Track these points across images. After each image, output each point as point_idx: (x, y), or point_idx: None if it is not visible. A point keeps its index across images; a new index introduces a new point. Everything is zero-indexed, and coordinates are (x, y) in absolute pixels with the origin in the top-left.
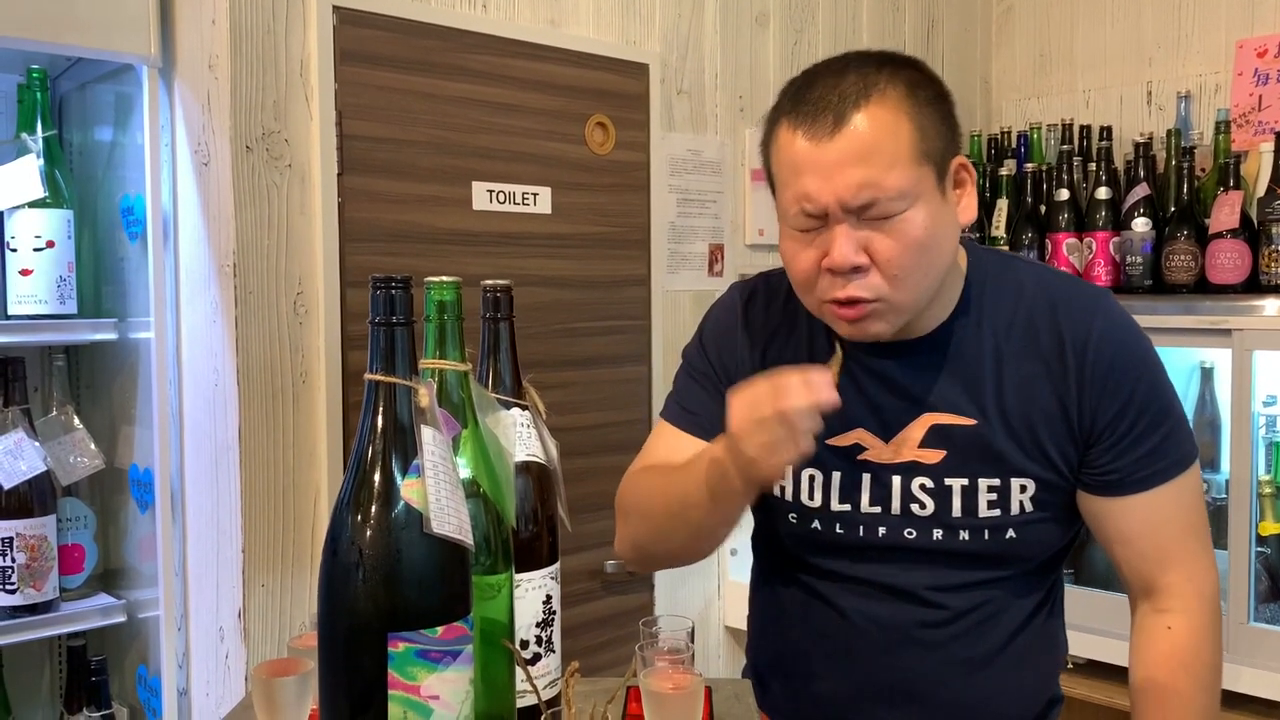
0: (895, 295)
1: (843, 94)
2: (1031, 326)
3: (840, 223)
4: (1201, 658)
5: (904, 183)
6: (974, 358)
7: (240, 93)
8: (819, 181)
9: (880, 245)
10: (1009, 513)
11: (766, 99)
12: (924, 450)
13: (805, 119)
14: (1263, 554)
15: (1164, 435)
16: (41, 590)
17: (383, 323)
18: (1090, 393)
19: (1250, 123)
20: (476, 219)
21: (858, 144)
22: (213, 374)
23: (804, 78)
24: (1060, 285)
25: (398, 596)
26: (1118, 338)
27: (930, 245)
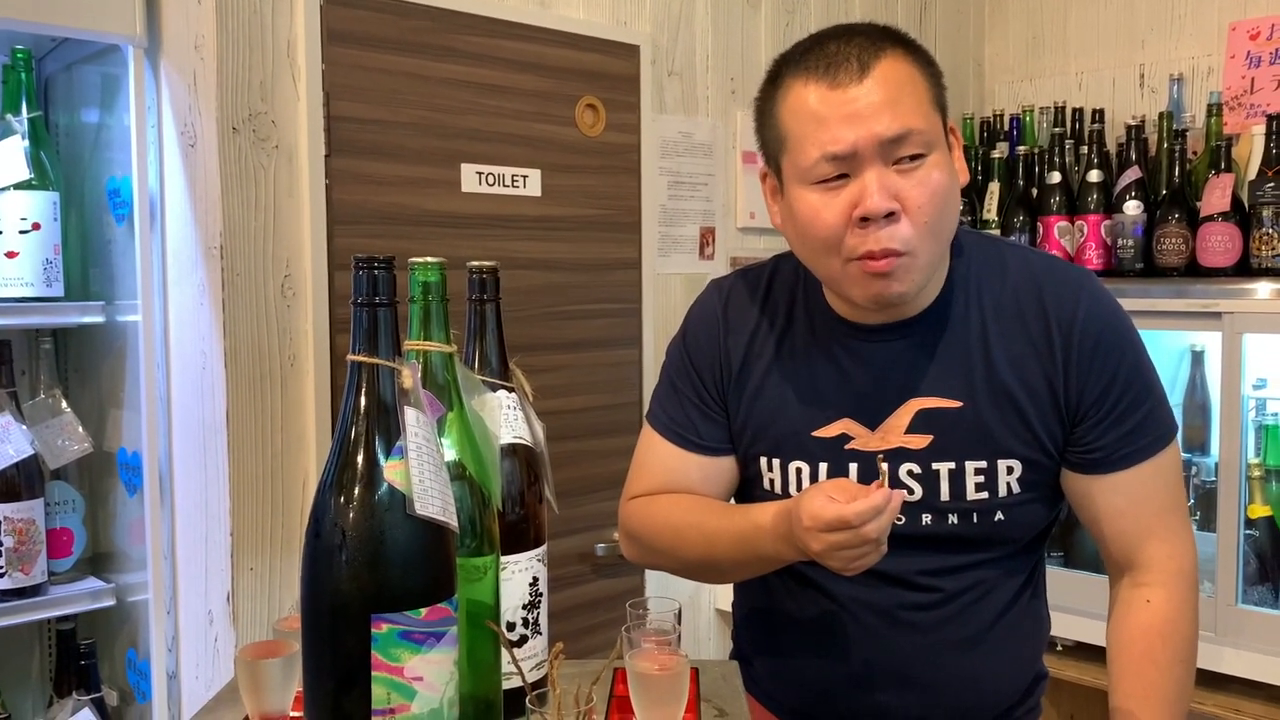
0: (922, 246)
1: (859, 46)
2: (1018, 306)
3: (870, 167)
4: (1180, 630)
5: (929, 126)
6: (961, 339)
7: (226, 73)
8: (848, 125)
9: (910, 192)
10: (996, 495)
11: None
12: (911, 436)
13: (826, 71)
14: (1251, 536)
15: (1146, 413)
16: (30, 574)
17: (365, 303)
18: (1077, 371)
19: (1242, 105)
20: (465, 201)
21: (885, 86)
22: (200, 357)
23: (810, 40)
24: (1045, 265)
25: (381, 578)
26: (1103, 317)
27: (950, 195)
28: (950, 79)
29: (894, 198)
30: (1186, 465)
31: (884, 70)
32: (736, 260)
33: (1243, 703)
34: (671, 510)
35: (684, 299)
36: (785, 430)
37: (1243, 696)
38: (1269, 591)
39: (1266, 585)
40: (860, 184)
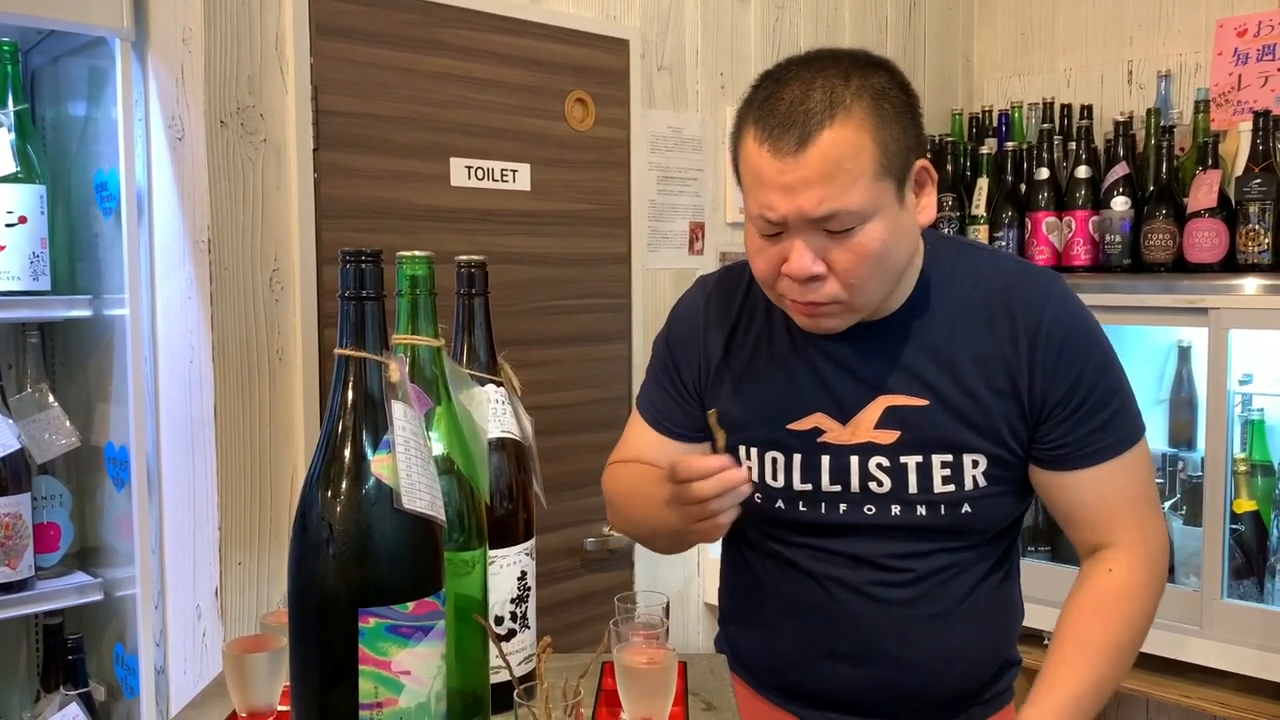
0: (851, 300)
1: (808, 112)
2: (987, 309)
3: (800, 233)
4: (1136, 600)
5: (862, 202)
6: (928, 340)
7: (214, 67)
8: (780, 196)
9: (838, 256)
10: (963, 488)
11: (748, 76)
12: (880, 431)
13: (771, 133)
14: (1236, 531)
15: (1112, 412)
16: (17, 568)
17: (353, 296)
18: (1041, 373)
19: (1229, 102)
20: (454, 195)
21: (820, 164)
22: (188, 351)
23: (772, 83)
24: (1013, 269)
25: (368, 572)
26: (1069, 320)
27: (887, 255)
28: (939, 74)
29: (822, 259)
30: (1173, 460)
31: (824, 145)
32: (726, 255)
33: (1228, 696)
34: (630, 475)
35: (673, 294)
36: (761, 422)
37: (1228, 690)
38: (1254, 586)
39: (1251, 579)
40: (790, 244)
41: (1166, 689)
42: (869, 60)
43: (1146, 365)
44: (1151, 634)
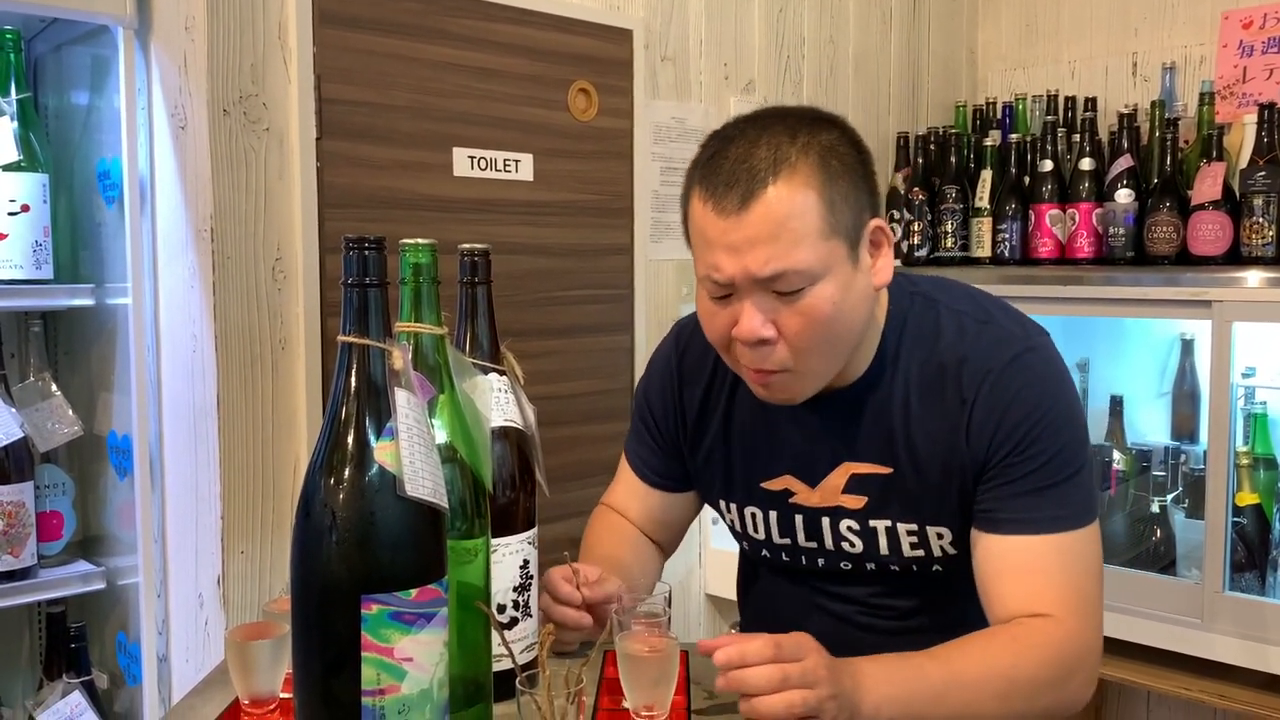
0: (803, 366)
1: (752, 169)
2: (940, 381)
3: (748, 296)
4: (1036, 651)
5: (810, 260)
6: (886, 411)
7: (217, 55)
8: (726, 256)
9: (787, 320)
10: (931, 554)
11: (751, 67)
12: (847, 496)
13: (715, 192)
14: (1238, 524)
15: (1052, 486)
16: (20, 557)
17: (356, 284)
18: (975, 433)
19: (1234, 94)
20: (457, 185)
21: (763, 223)
22: (191, 340)
23: (718, 142)
24: (975, 337)
25: (371, 559)
26: (1017, 385)
27: (838, 318)
28: (943, 66)
29: (771, 322)
30: (1175, 453)
31: (768, 204)
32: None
33: (1228, 689)
34: (599, 535)
35: (676, 285)
36: (738, 479)
37: (1228, 683)
38: (1255, 579)
39: (1253, 572)
40: (740, 307)
41: (1167, 681)
42: (818, 117)
43: (1149, 358)
44: (1153, 626)
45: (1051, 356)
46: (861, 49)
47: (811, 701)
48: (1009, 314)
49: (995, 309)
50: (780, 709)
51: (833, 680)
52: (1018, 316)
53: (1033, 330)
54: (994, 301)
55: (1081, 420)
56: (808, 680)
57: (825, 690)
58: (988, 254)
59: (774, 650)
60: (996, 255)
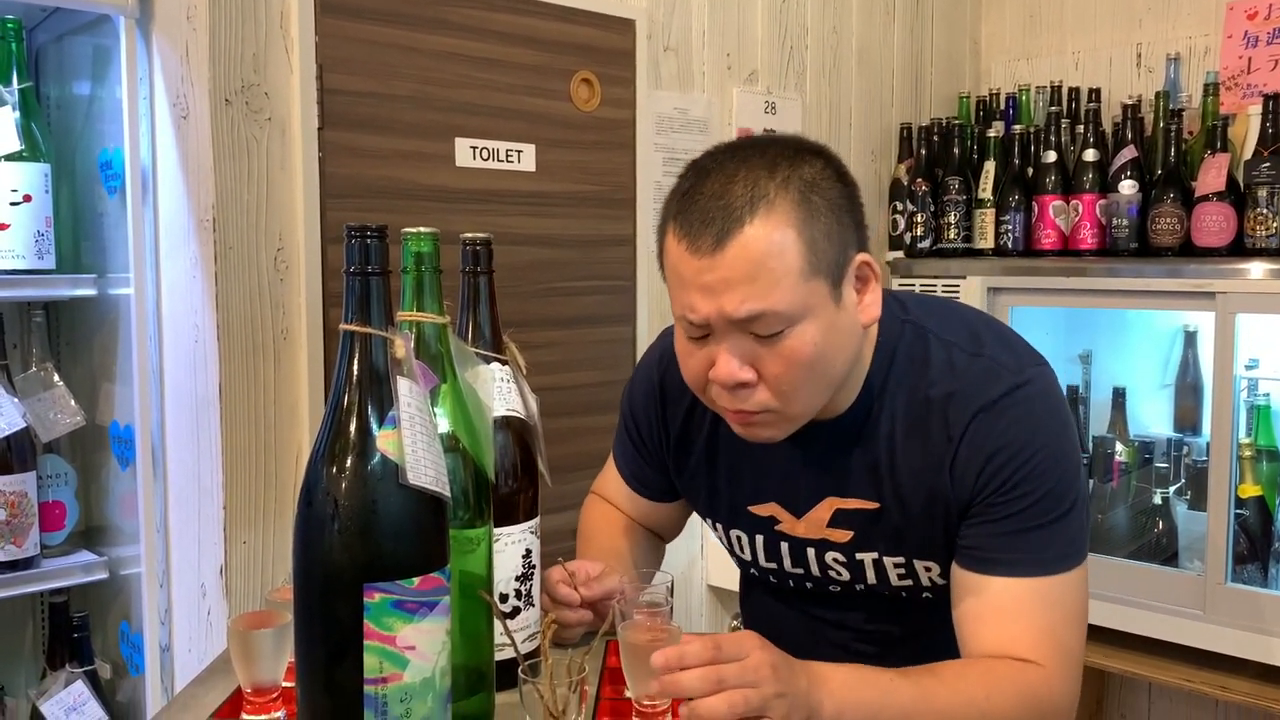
0: (785, 407)
1: (728, 207)
2: (927, 415)
3: (725, 337)
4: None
5: (789, 302)
6: (872, 447)
7: (219, 45)
8: (701, 297)
9: (767, 362)
10: (920, 584)
11: (754, 58)
12: (832, 530)
13: (689, 230)
14: (1241, 516)
15: (1037, 528)
16: (22, 547)
17: (358, 272)
18: (962, 478)
19: (1239, 85)
20: (459, 175)
21: (739, 265)
22: (193, 330)
23: (694, 175)
24: (964, 370)
25: (373, 547)
26: (1001, 428)
27: (821, 360)
28: (946, 57)
29: (750, 365)
30: (1178, 445)
31: (743, 244)
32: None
33: (1230, 680)
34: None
35: None
36: (724, 502)
37: (1230, 674)
38: (1258, 570)
39: (1255, 564)
40: (716, 349)
41: (1168, 673)
42: (800, 148)
43: (1153, 350)
44: (1154, 618)
45: (1044, 390)
46: (864, 39)
47: (754, 700)
48: (1004, 343)
49: (989, 338)
50: (721, 709)
51: (781, 679)
52: (1013, 345)
53: (1027, 361)
54: (989, 328)
55: (1073, 459)
56: (748, 679)
57: (770, 689)
58: (991, 245)
59: (712, 652)
60: (999, 247)
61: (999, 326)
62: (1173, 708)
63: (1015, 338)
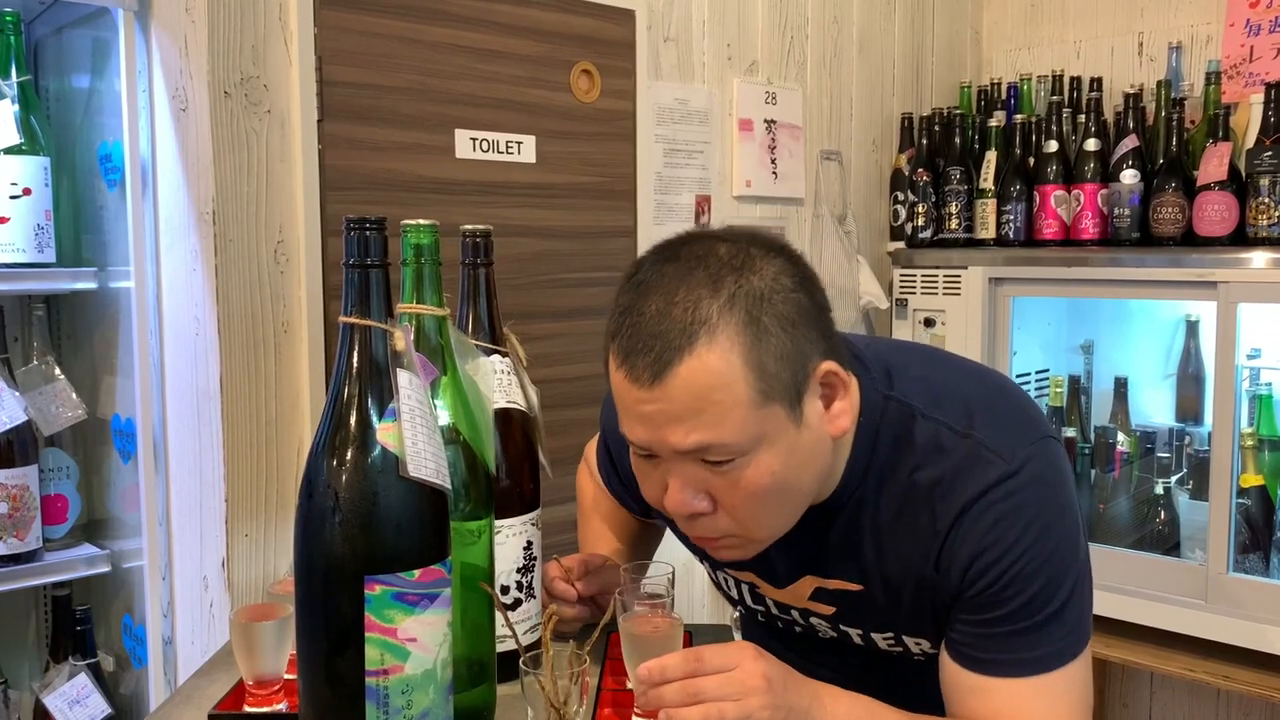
0: (748, 534)
1: (665, 334)
2: (913, 502)
3: (674, 467)
4: None
5: (740, 434)
6: (856, 532)
7: (218, 37)
8: (643, 426)
9: (723, 492)
10: (910, 653)
11: (755, 48)
12: (814, 603)
13: (627, 357)
14: (1243, 505)
15: (1029, 628)
16: (25, 540)
17: (357, 264)
18: (947, 573)
19: (1241, 74)
20: (459, 167)
21: (680, 399)
22: (193, 323)
23: (633, 293)
24: (951, 455)
25: (374, 540)
26: (987, 526)
27: (781, 487)
28: (947, 47)
29: (705, 493)
30: (1180, 435)
31: (683, 378)
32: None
33: (1232, 670)
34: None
35: None
36: (704, 554)
37: (1233, 664)
38: (1260, 560)
39: (1257, 554)
40: (668, 475)
41: (1170, 662)
42: (753, 248)
43: (1154, 340)
44: (1156, 608)
45: (1037, 475)
46: (865, 30)
47: (731, 714)
48: (998, 417)
49: (981, 413)
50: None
51: (775, 691)
52: (1008, 419)
53: (1021, 440)
54: (984, 399)
55: (1067, 547)
56: (728, 692)
57: (759, 700)
58: (992, 235)
59: (693, 664)
60: (1001, 237)
61: (995, 393)
62: (1174, 697)
63: (1013, 406)
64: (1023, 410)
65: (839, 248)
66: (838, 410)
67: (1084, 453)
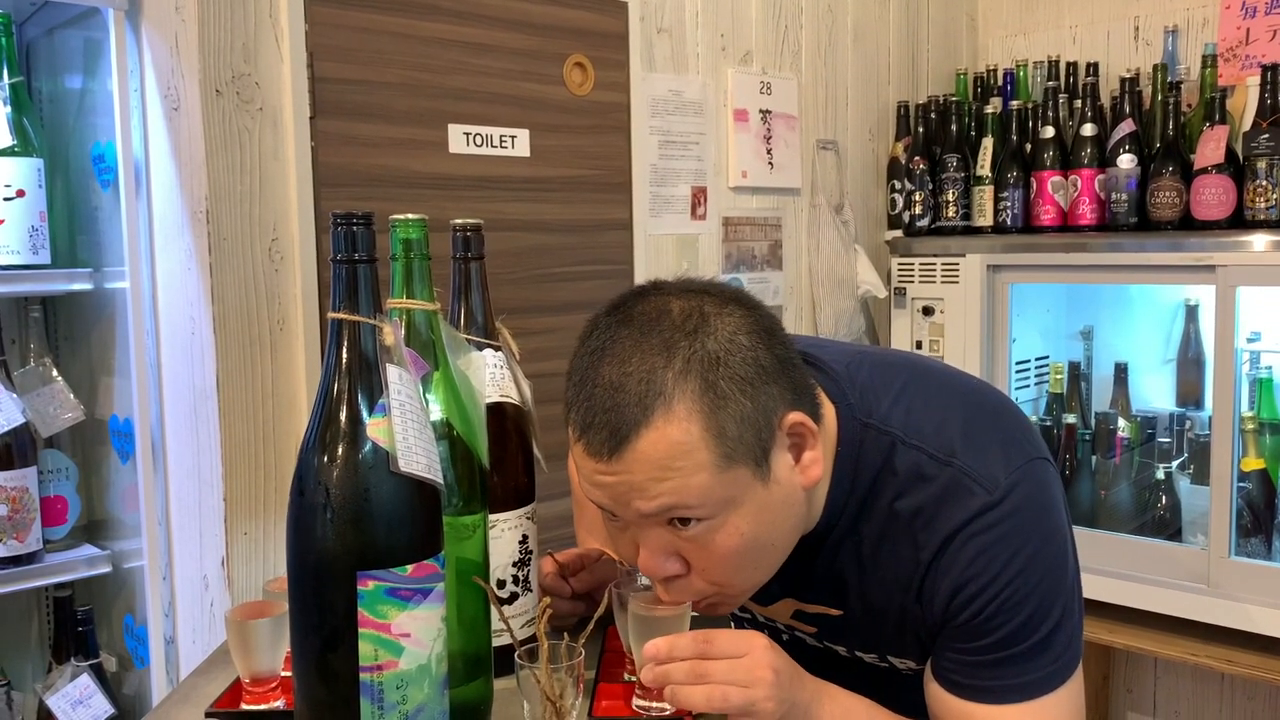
0: (725, 592)
1: (619, 408)
2: (894, 531)
3: (642, 531)
4: None
5: (704, 499)
6: (837, 559)
7: (208, 35)
8: (604, 494)
9: (694, 556)
10: (897, 670)
11: (749, 38)
12: (796, 622)
13: (584, 430)
14: (1244, 489)
15: (1016, 657)
16: (25, 541)
17: (345, 259)
18: (929, 605)
19: (1237, 57)
20: (453, 162)
21: (640, 470)
22: (189, 322)
23: (587, 359)
24: (932, 484)
25: (365, 535)
26: (970, 557)
27: (753, 546)
28: (943, 33)
29: (676, 555)
30: (1180, 420)
31: (640, 451)
32: (729, 220)
33: (1234, 653)
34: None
35: (676, 260)
36: None
37: (1234, 647)
38: (1261, 543)
39: (1259, 537)
40: (638, 538)
41: (1174, 647)
42: (707, 303)
43: (1154, 325)
44: (1159, 593)
45: (1021, 504)
46: (860, 17)
47: (735, 699)
48: (982, 442)
49: (963, 438)
50: (697, 698)
51: (782, 684)
52: (993, 443)
53: (1006, 466)
54: (965, 422)
55: (1054, 574)
56: (735, 677)
57: (764, 691)
58: (990, 223)
59: (702, 645)
60: (998, 224)
61: (981, 415)
62: (1178, 682)
63: (999, 428)
64: (1008, 432)
65: (836, 237)
66: (808, 460)
67: (1084, 439)
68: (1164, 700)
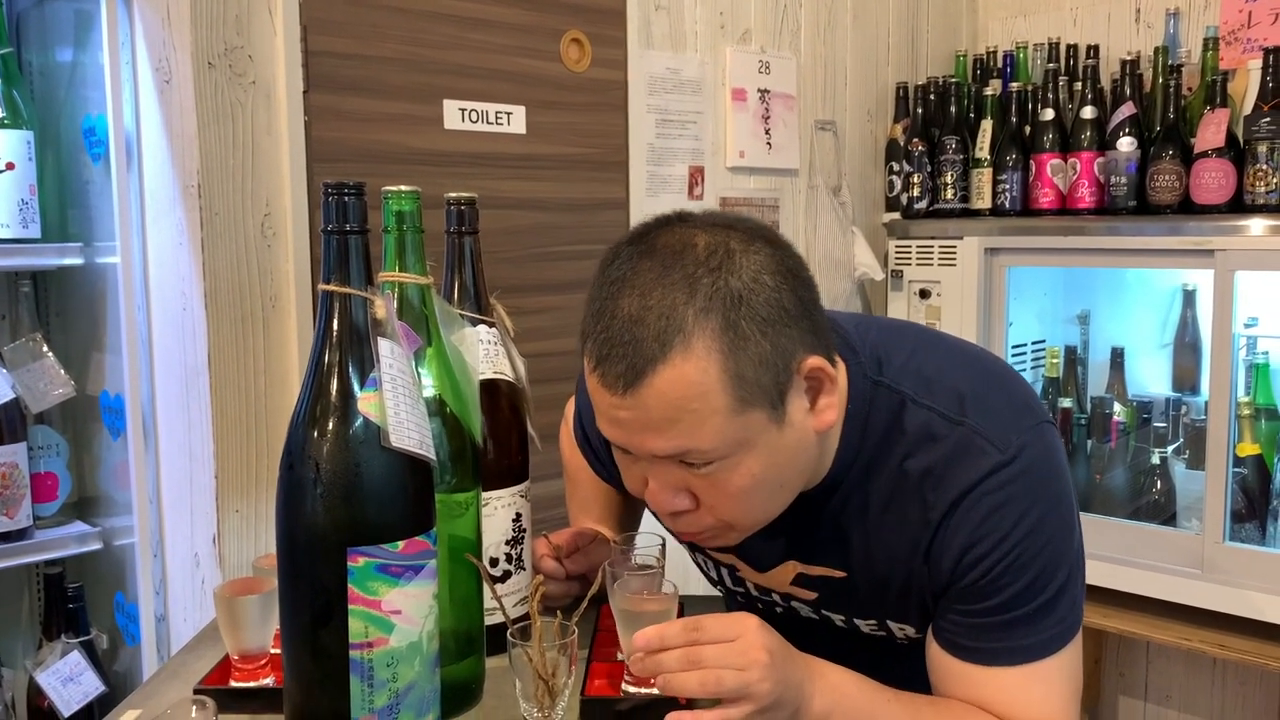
0: (735, 526)
1: (637, 342)
2: (904, 491)
3: (653, 466)
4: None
5: (718, 441)
6: (843, 518)
7: (200, 7)
8: (618, 430)
9: (704, 492)
10: (894, 638)
11: (748, 16)
12: (796, 588)
13: (600, 361)
14: (1240, 474)
15: (1021, 618)
16: (15, 518)
17: (336, 230)
18: (938, 564)
19: (1239, 40)
20: (448, 139)
21: (655, 409)
22: (181, 298)
23: (607, 288)
24: (943, 444)
25: (356, 511)
26: (981, 516)
27: (763, 485)
28: (943, 15)
29: (686, 491)
30: (1176, 405)
31: (659, 387)
32: (726, 200)
33: (1228, 638)
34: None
35: None
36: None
37: (1228, 633)
38: (1256, 529)
39: (1253, 522)
40: (648, 472)
41: (1167, 632)
42: (731, 244)
43: (1151, 309)
44: (1153, 578)
45: (1031, 464)
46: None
47: (729, 682)
48: (992, 404)
49: (974, 398)
50: (690, 684)
51: (776, 664)
52: (1003, 405)
53: (1017, 427)
54: (978, 381)
55: (1061, 537)
56: (730, 660)
57: (759, 672)
58: (988, 205)
59: (692, 633)
60: (997, 206)
61: (990, 378)
62: (1171, 666)
63: (1008, 392)
64: (1018, 396)
65: (833, 219)
66: (823, 405)
67: (1080, 423)
68: (1156, 684)
